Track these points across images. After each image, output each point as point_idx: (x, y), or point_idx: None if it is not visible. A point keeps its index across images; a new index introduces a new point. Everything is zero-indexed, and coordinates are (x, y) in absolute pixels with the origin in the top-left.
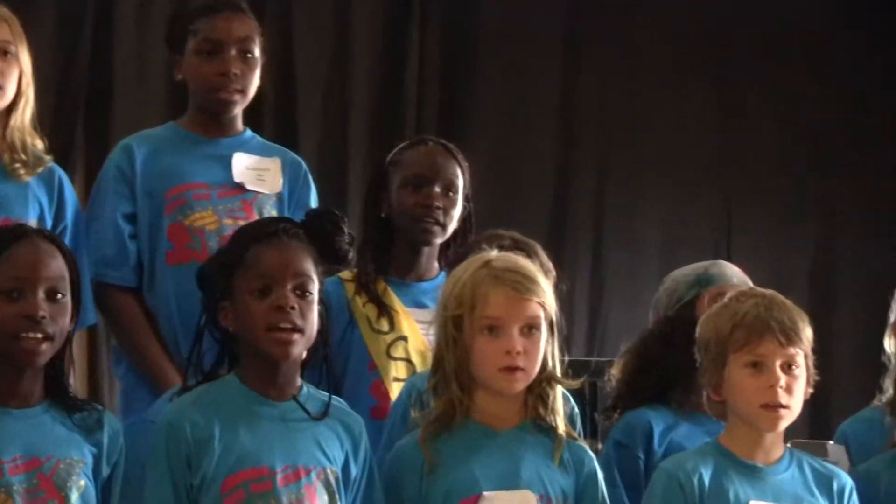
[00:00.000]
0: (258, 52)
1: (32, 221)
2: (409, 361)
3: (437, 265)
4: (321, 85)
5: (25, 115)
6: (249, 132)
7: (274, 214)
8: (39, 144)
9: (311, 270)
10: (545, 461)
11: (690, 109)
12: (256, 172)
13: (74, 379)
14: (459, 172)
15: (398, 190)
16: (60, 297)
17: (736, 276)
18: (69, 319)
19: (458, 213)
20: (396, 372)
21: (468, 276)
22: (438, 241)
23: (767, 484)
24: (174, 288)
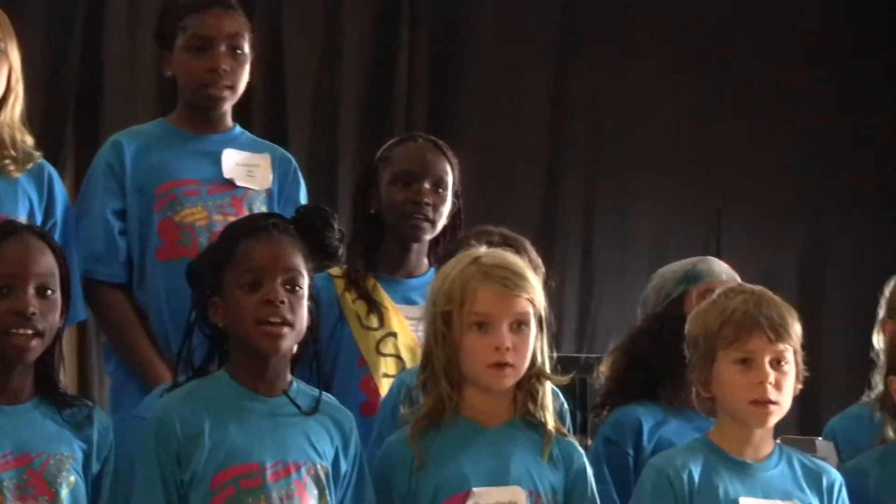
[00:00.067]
0: (248, 48)
1: (22, 217)
2: (398, 358)
3: (426, 262)
4: (311, 81)
5: (15, 111)
6: (239, 128)
7: (264, 210)
8: (29, 140)
9: (300, 265)
10: (534, 457)
11: (680, 107)
12: (246, 168)
13: (64, 375)
14: (449, 169)
15: (388, 186)
16: (50, 293)
17: (724, 272)
18: (59, 316)
19: (447, 209)
20: (386, 368)
21: (457, 272)
22: (428, 237)
23: (757, 480)
24: (164, 284)
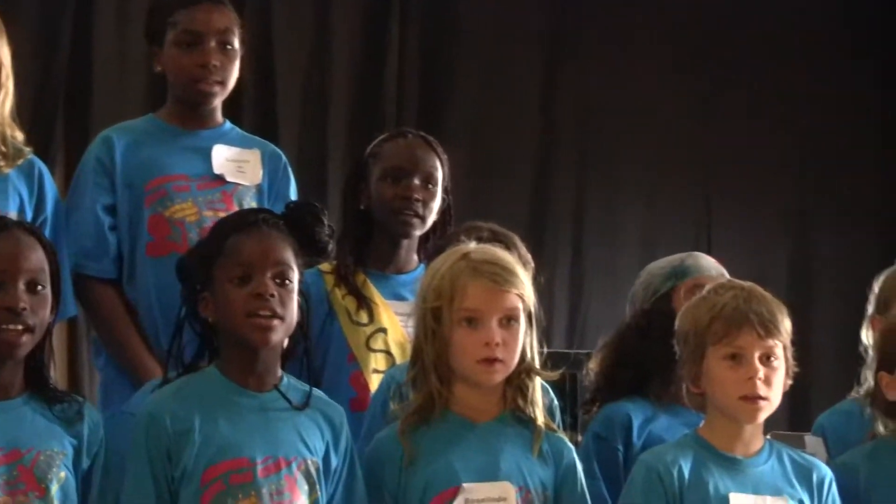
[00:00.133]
0: (238, 43)
1: (12, 213)
2: (388, 353)
3: (416, 257)
4: (301, 77)
5: (5, 107)
6: (229, 124)
7: (254, 206)
8: (19, 136)
9: (290, 260)
10: (524, 453)
11: (670, 104)
12: (236, 164)
13: (54, 371)
14: (439, 165)
15: (377, 182)
16: (41, 288)
17: (712, 267)
18: (49, 311)
19: (437, 205)
20: (376, 364)
21: (447, 267)
22: (418, 233)
23: (747, 476)
24: (154, 280)
